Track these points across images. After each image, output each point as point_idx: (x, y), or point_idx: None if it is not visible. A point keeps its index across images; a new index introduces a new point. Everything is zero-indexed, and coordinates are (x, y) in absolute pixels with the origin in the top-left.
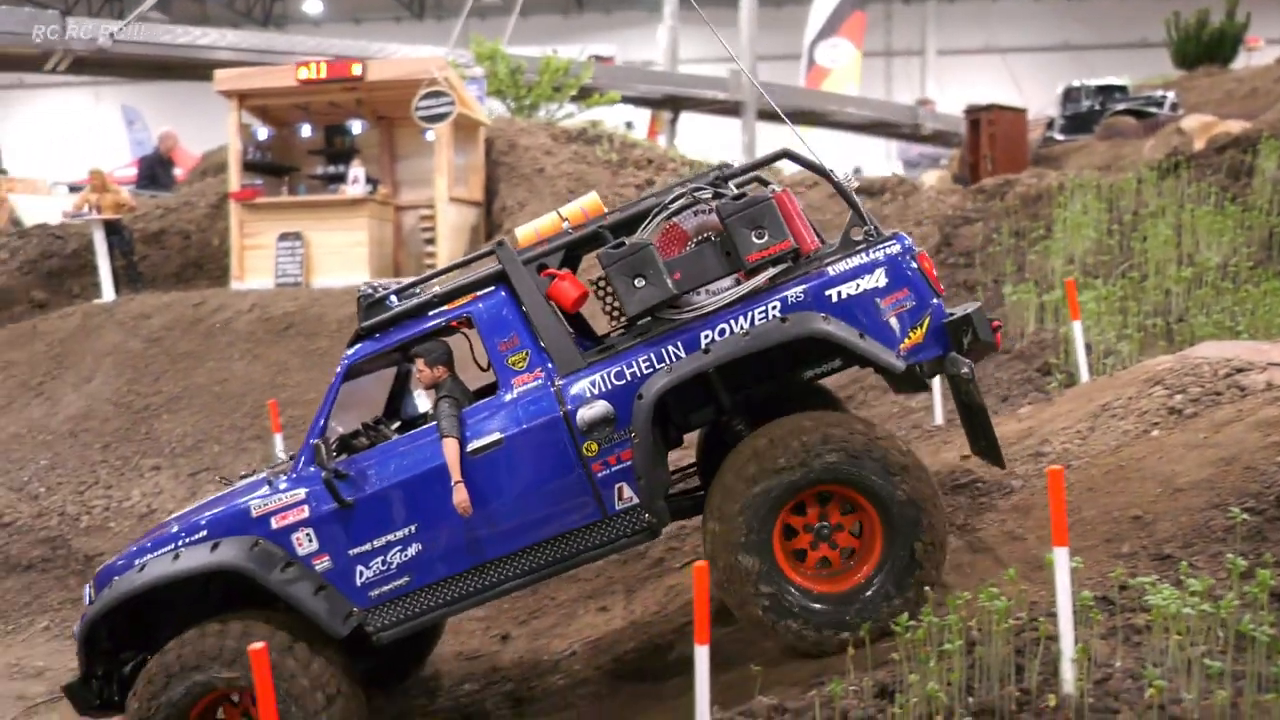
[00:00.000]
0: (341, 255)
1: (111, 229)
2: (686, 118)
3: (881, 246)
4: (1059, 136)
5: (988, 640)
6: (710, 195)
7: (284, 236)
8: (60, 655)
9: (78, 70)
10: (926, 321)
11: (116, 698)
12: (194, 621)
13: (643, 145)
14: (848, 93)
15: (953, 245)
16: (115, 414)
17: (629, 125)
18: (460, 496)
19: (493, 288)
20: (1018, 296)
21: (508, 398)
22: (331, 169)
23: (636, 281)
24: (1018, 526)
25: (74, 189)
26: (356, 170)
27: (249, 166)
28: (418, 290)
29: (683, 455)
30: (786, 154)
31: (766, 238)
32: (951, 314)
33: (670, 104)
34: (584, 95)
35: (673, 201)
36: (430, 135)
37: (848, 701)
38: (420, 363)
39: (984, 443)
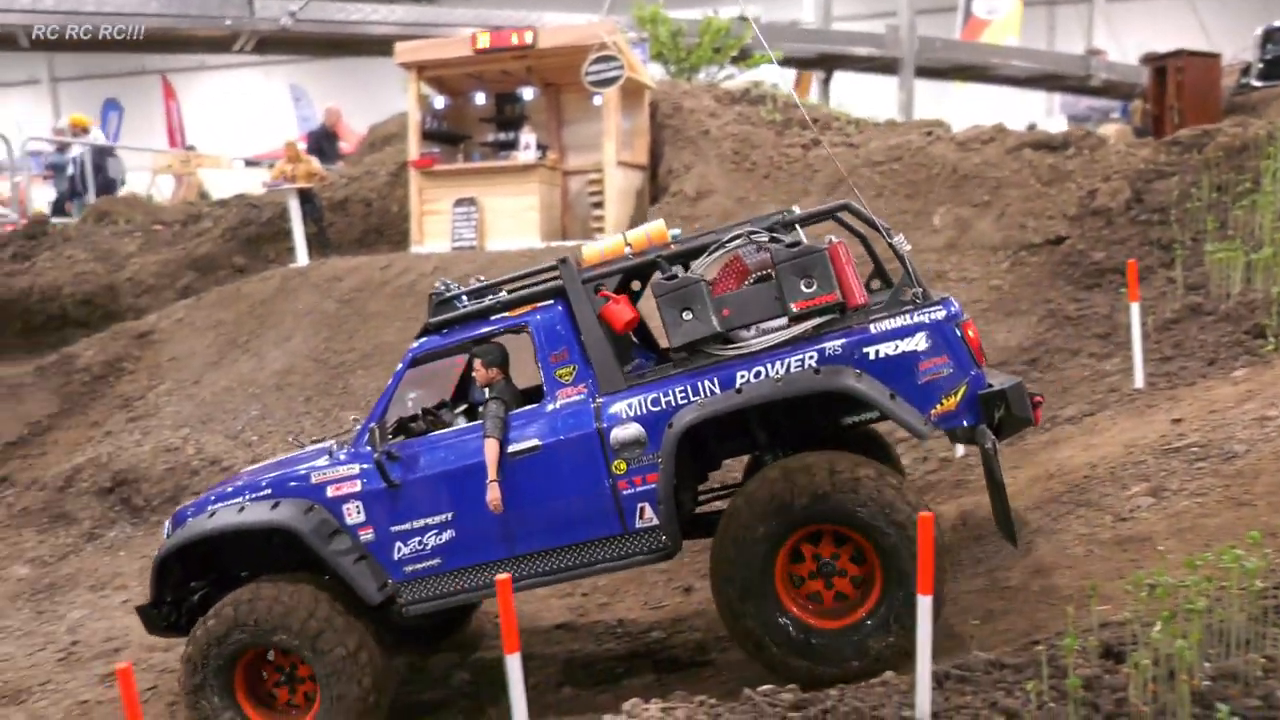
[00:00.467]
0: (513, 219)
1: (304, 198)
2: (838, 77)
3: (927, 310)
4: (1256, 83)
5: (1227, 603)
6: (767, 239)
7: (459, 202)
8: None
9: (261, 50)
10: (962, 390)
11: (183, 622)
12: (258, 563)
13: (807, 105)
14: (1007, 44)
15: (1144, 201)
16: (315, 369)
17: (774, 87)
18: (493, 495)
19: (552, 301)
20: (1221, 255)
21: (550, 408)
22: (502, 136)
23: (684, 314)
24: (1244, 492)
25: (250, 163)
26: (528, 136)
27: (427, 135)
28: (487, 294)
29: (729, 472)
30: (847, 207)
31: (815, 288)
32: (990, 386)
33: (823, 63)
34: (743, 57)
35: (729, 240)
36: (598, 100)
37: (1069, 660)
38: (478, 363)
39: (999, 516)
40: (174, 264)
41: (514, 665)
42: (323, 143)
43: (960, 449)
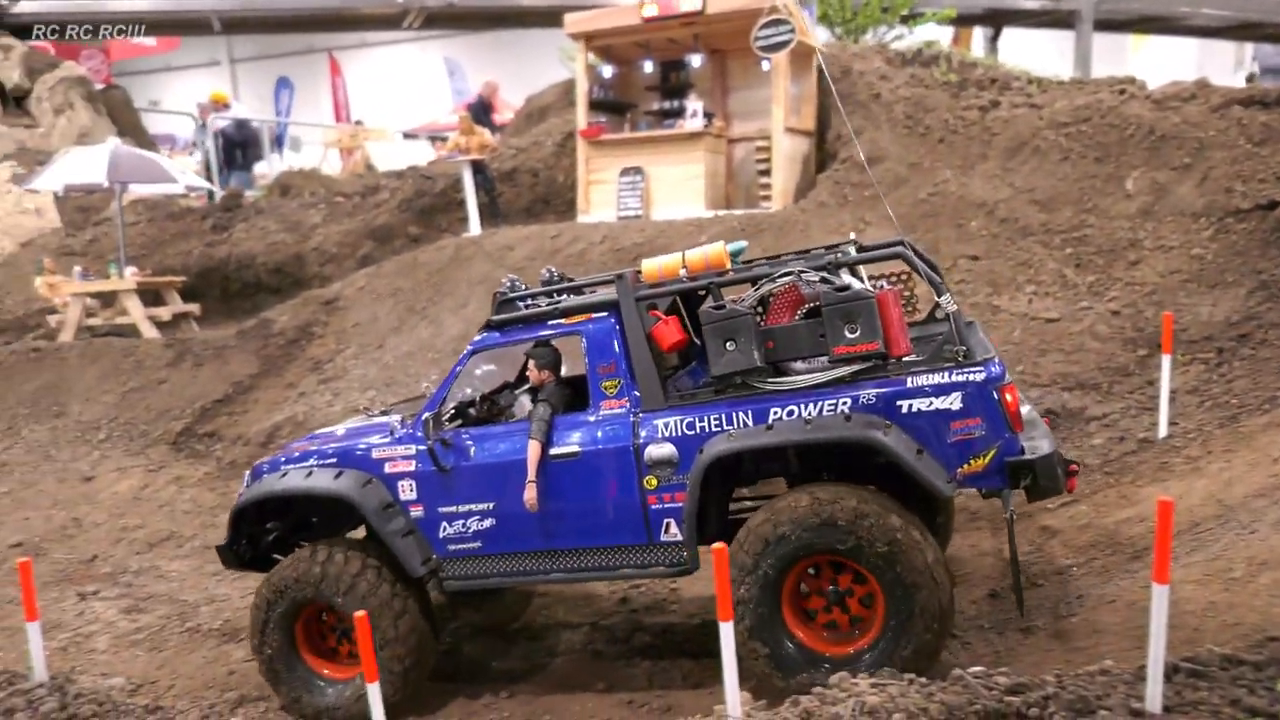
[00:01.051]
0: (679, 188)
1: (477, 168)
2: (1005, 34)
3: (967, 371)
4: None
5: None
6: (818, 279)
7: (625, 171)
8: None
9: (427, 25)
10: (992, 453)
11: (257, 559)
12: (324, 516)
13: (984, 64)
14: None
15: None
16: None
17: (948, 47)
18: (530, 495)
19: (606, 314)
20: None
21: (593, 417)
22: (667, 104)
23: (728, 344)
24: None
25: (407, 136)
26: (695, 104)
27: (594, 105)
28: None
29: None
30: (901, 245)
31: (858, 335)
32: (1020, 452)
33: (992, 19)
34: (911, 16)
35: (779, 277)
36: (766, 65)
37: None
38: (531, 364)
39: (1014, 583)
40: (354, 234)
41: (726, 632)
42: (479, 115)
43: (1163, 429)
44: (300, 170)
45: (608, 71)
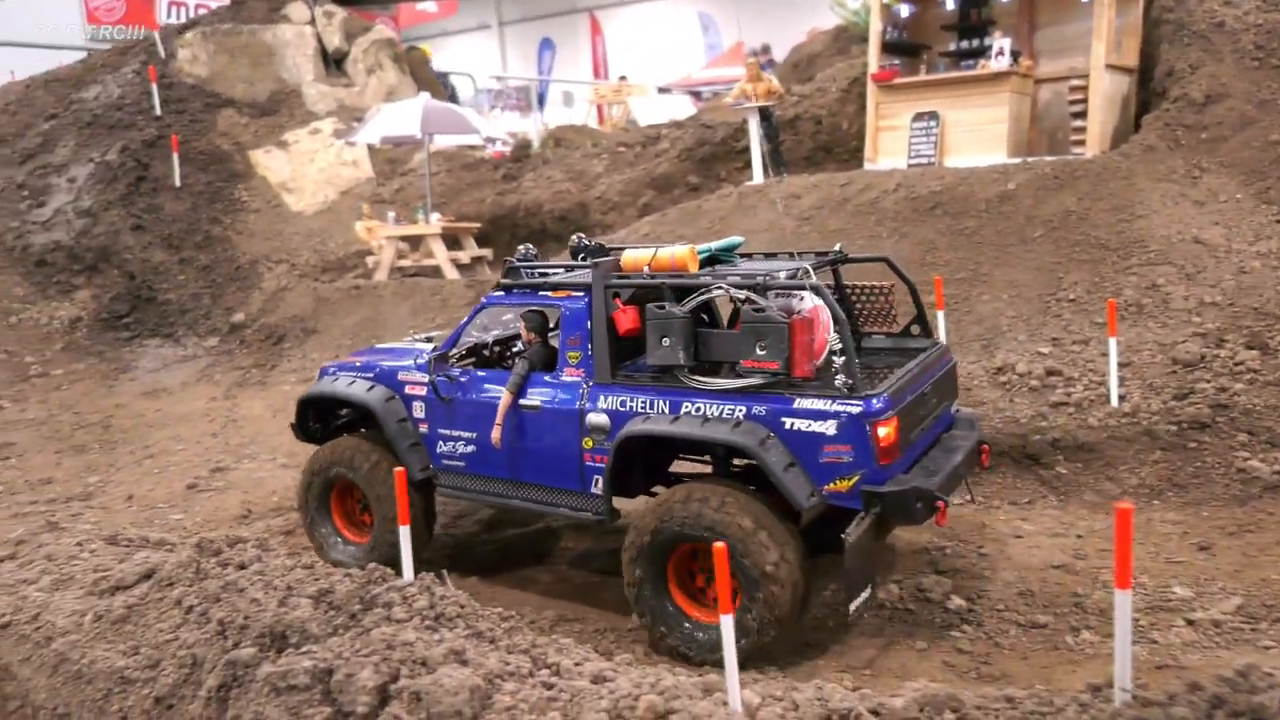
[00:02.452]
0: (977, 134)
1: (763, 115)
2: None
3: (846, 403)
4: None
5: None
6: (744, 296)
7: (919, 117)
8: None
9: None
10: (856, 479)
11: (326, 437)
12: (364, 415)
13: None
14: None
15: None
16: None
17: None
18: (495, 435)
19: (582, 294)
20: None
21: (557, 379)
22: (965, 44)
23: (663, 340)
24: None
25: (661, 90)
26: (1001, 42)
27: (886, 48)
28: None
29: None
30: (886, 260)
31: (765, 353)
32: (880, 485)
33: None
34: None
35: (714, 289)
36: None
37: None
38: (523, 325)
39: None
40: (635, 183)
41: (1122, 601)
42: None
43: None
44: (570, 125)
45: (905, 11)
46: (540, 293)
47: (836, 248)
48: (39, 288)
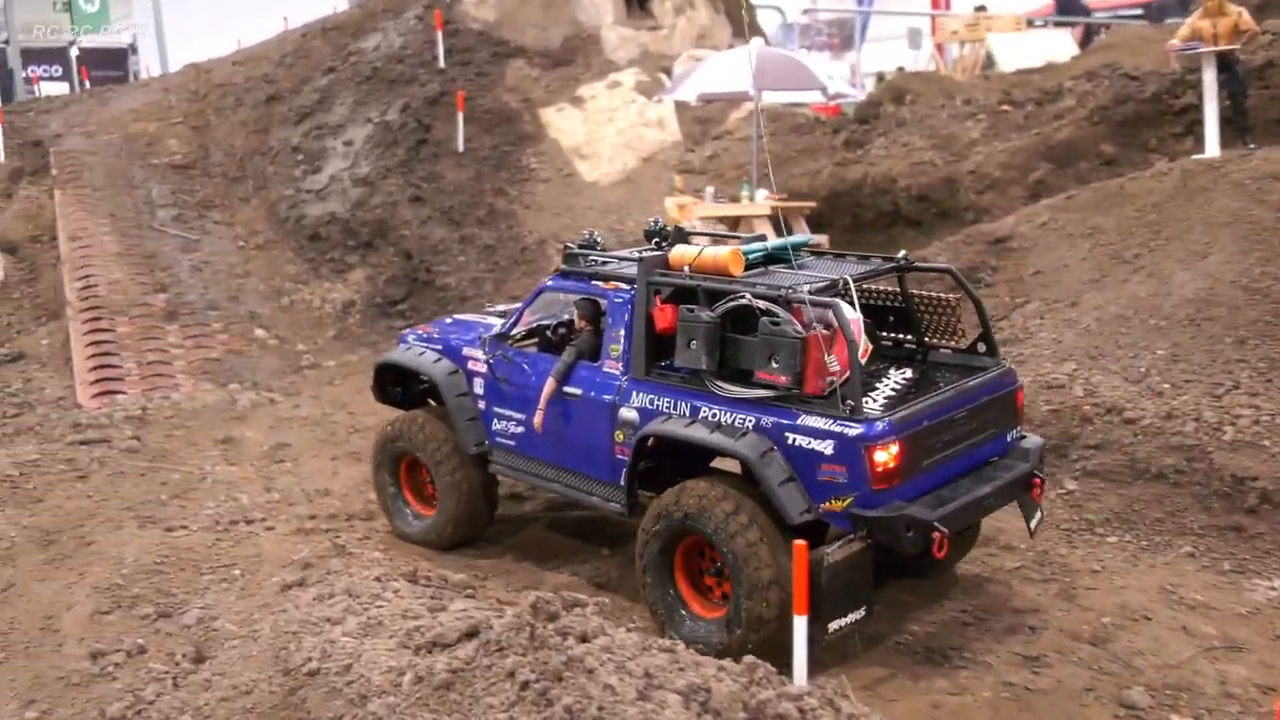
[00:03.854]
0: None
1: (1223, 64)
2: None
3: (846, 424)
4: None
5: None
6: (764, 306)
7: None
8: (1195, 589)
9: None
10: (849, 500)
11: (405, 402)
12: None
13: None
14: None
15: None
16: (1246, 301)
17: None
18: (537, 419)
19: (628, 289)
20: None
21: (597, 370)
22: None
23: (690, 343)
24: None
25: (1031, 24)
26: None
27: None
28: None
29: None
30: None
31: (776, 366)
32: (873, 510)
33: None
34: None
35: (740, 296)
36: None
37: None
38: (576, 312)
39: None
40: (1024, 154)
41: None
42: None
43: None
44: (914, 72)
45: None
46: (593, 281)
47: (901, 255)
48: (311, 265)
